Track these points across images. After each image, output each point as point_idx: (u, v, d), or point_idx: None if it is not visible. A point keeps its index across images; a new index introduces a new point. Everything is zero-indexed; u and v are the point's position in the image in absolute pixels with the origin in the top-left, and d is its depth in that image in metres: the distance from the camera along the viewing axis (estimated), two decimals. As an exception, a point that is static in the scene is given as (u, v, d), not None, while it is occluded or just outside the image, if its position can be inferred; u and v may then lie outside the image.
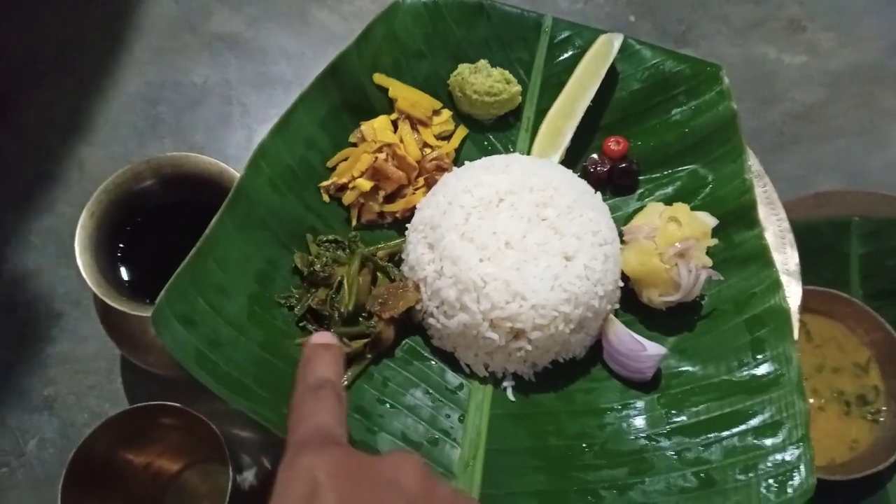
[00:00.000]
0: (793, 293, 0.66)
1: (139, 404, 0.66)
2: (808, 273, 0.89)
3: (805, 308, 0.85)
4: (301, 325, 0.65)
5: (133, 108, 1.01)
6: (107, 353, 0.86)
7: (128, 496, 0.71)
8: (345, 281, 0.63)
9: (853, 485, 0.75)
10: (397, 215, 0.71)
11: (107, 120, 1.01)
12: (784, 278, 0.67)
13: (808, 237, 0.91)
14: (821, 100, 1.05)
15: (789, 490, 0.58)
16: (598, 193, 0.69)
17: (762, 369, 0.64)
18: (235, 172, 0.70)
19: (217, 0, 1.10)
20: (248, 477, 0.77)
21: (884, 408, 0.83)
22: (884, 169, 1.01)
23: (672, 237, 0.64)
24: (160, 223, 0.73)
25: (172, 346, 0.58)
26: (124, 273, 0.73)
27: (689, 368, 0.66)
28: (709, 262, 0.65)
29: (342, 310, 0.62)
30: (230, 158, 0.96)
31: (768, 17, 1.11)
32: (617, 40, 0.74)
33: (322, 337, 0.47)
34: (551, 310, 0.60)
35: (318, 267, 0.64)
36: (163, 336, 0.58)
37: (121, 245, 0.73)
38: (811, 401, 0.83)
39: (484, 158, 0.70)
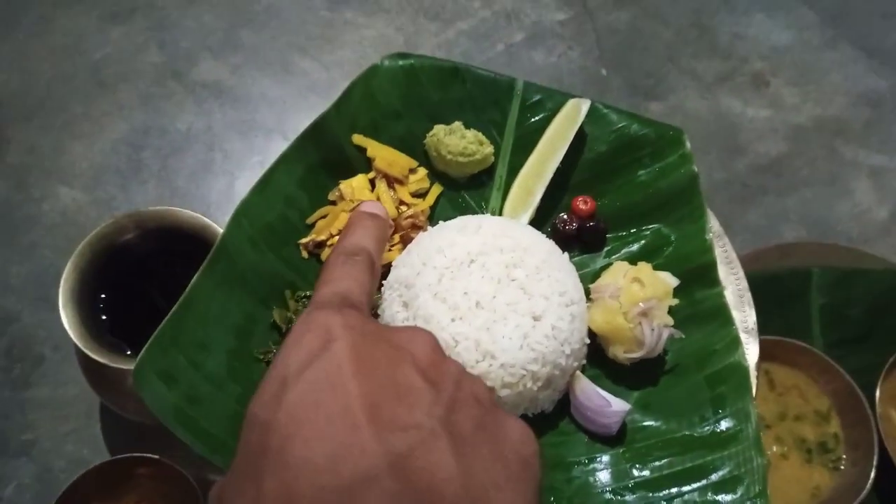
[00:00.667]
0: (751, 350, 0.70)
1: (118, 456, 0.68)
2: (773, 322, 0.93)
3: (769, 357, 0.89)
4: (278, 380, 0.66)
5: (117, 152, 1.04)
6: (86, 398, 0.87)
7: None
8: (321, 338, 0.65)
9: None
10: (374, 272, 0.73)
11: (91, 164, 1.03)
12: (743, 336, 0.70)
13: (771, 287, 0.96)
14: (785, 152, 1.10)
15: None
16: (566, 254, 0.72)
17: (722, 425, 0.67)
18: (218, 227, 0.72)
19: (203, 48, 1.13)
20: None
21: (844, 456, 0.86)
22: (847, 219, 1.06)
23: (635, 297, 0.67)
24: (143, 275, 0.75)
25: (152, 402, 0.60)
26: (106, 323, 0.74)
27: (653, 423, 0.68)
28: (670, 321, 0.68)
29: (318, 366, 0.64)
30: (212, 205, 0.99)
31: (735, 72, 1.16)
32: (585, 105, 0.78)
33: (370, 206, 0.47)
34: (520, 368, 0.63)
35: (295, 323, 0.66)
36: (143, 393, 0.60)
37: (103, 296, 0.75)
38: (774, 448, 0.86)
39: (457, 219, 0.72)
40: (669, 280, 0.69)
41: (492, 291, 0.65)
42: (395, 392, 0.34)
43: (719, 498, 0.63)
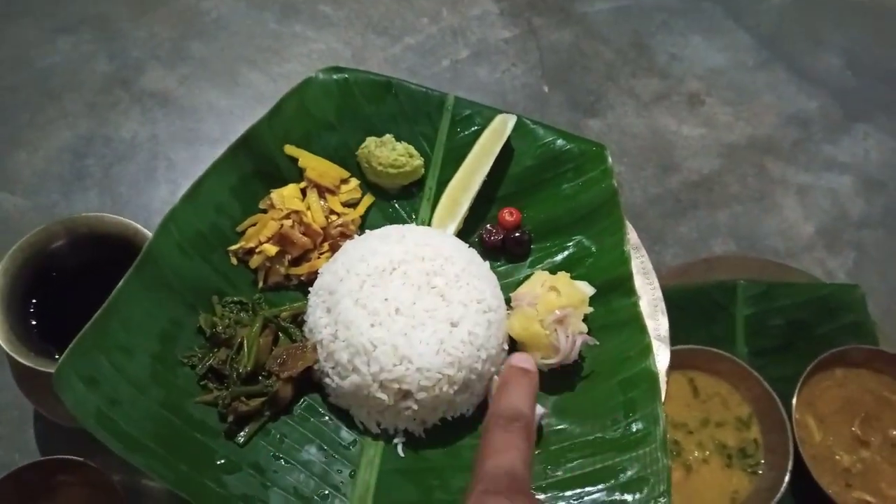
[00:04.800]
0: (661, 357, 0.73)
1: (38, 459, 0.68)
2: (699, 332, 0.97)
3: (693, 366, 0.93)
4: (202, 383, 0.68)
5: (61, 160, 1.04)
6: (18, 404, 0.87)
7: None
8: (245, 342, 0.67)
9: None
10: (302, 278, 0.75)
11: (34, 171, 1.03)
12: (655, 343, 0.73)
13: (698, 298, 1.00)
14: (717, 169, 1.14)
15: None
16: (487, 263, 0.75)
17: (633, 427, 0.69)
18: (150, 234, 0.74)
19: (153, 58, 1.14)
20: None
21: (762, 460, 0.89)
22: (774, 234, 1.10)
23: (552, 305, 0.70)
24: (73, 281, 0.76)
25: (73, 404, 0.61)
26: (35, 328, 0.75)
27: (568, 426, 0.71)
28: (584, 328, 0.71)
29: (241, 370, 0.66)
30: (154, 213, 1.00)
31: (671, 91, 1.20)
32: (511, 120, 0.81)
33: (522, 360, 0.49)
34: (436, 372, 0.65)
35: (220, 328, 0.68)
36: (64, 395, 0.61)
37: (34, 301, 0.75)
38: (696, 453, 0.90)
39: (381, 228, 0.75)
40: (585, 289, 0.72)
41: (411, 298, 0.67)
42: None
43: (626, 497, 0.65)
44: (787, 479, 0.84)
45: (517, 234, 0.79)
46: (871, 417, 0.90)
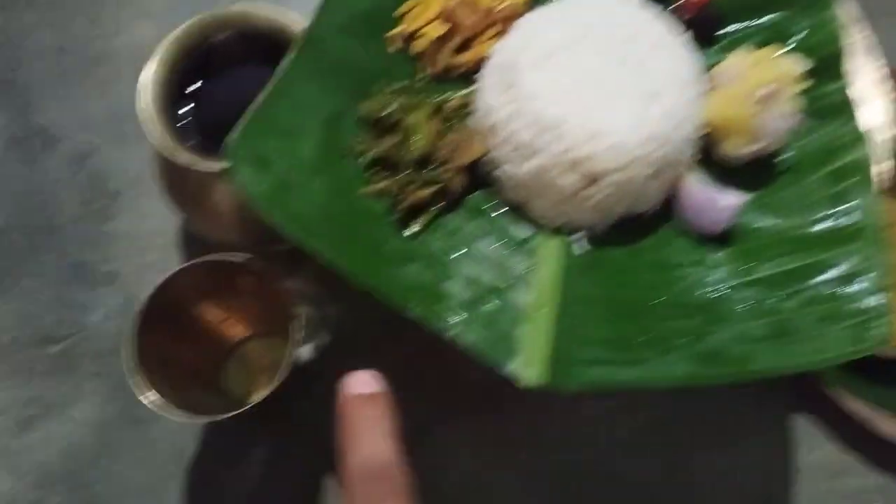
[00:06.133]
0: (881, 145, 0.63)
1: (216, 255, 0.65)
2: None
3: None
4: (368, 174, 0.64)
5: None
6: (166, 231, 0.87)
7: (198, 352, 0.72)
8: (415, 126, 0.62)
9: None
10: (467, 67, 0.69)
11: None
12: (870, 131, 0.63)
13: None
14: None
15: (867, 338, 0.56)
16: (686, 34, 0.66)
17: (842, 221, 0.61)
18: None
19: None
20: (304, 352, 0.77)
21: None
22: None
23: (758, 82, 0.61)
24: (224, 79, 0.72)
25: (246, 184, 0.57)
26: (184, 132, 0.72)
27: (767, 223, 0.63)
28: (795, 109, 0.62)
29: (413, 155, 0.61)
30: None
31: None
32: None
33: (361, 382, 0.37)
34: (631, 149, 0.58)
35: (388, 112, 0.62)
36: (236, 174, 0.57)
37: (182, 106, 0.72)
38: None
39: (563, -4, 0.67)
40: (795, 65, 0.62)
41: (604, 68, 0.60)
42: None
43: (840, 291, 0.58)
44: None
45: (706, 14, 0.69)
46: None
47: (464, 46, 0.69)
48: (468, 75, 0.69)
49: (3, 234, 0.88)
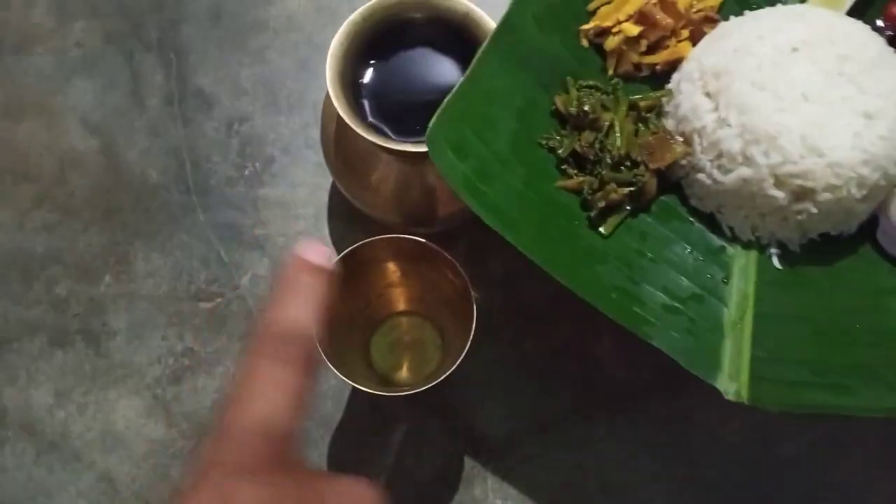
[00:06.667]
0: None
1: (402, 236, 0.65)
2: None
3: None
4: (562, 167, 0.63)
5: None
6: (315, 201, 0.88)
7: (355, 322, 0.73)
8: (616, 124, 0.61)
9: None
10: (658, 67, 0.67)
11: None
12: None
13: None
14: None
15: None
16: (896, 49, 0.63)
17: None
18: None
19: None
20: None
21: None
22: None
23: None
24: (408, 59, 0.71)
25: (446, 171, 0.57)
26: (366, 108, 0.72)
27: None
28: None
29: (612, 153, 0.60)
30: None
31: None
32: None
33: (313, 251, 0.35)
34: (849, 170, 0.56)
35: (586, 107, 0.61)
36: (437, 160, 0.57)
37: (364, 80, 0.72)
38: None
39: (773, 7, 0.64)
40: None
41: (821, 84, 0.57)
42: None
43: None
44: None
45: (915, 27, 0.65)
46: None
47: (654, 46, 0.68)
48: (655, 75, 0.68)
49: (158, 189, 0.90)
